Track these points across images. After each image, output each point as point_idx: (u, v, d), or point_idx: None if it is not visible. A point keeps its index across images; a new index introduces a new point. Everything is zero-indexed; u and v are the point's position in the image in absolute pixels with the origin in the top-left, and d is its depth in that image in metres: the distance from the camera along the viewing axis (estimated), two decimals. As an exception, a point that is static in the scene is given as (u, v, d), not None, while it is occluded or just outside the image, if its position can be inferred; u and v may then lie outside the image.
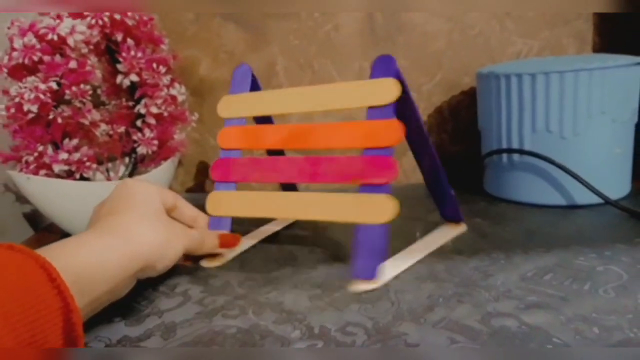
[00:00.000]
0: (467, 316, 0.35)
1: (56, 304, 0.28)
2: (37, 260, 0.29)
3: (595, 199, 0.54)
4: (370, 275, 0.40)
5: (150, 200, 0.42)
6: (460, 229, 0.51)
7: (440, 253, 0.45)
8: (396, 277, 0.42)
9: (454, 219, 0.51)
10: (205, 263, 0.47)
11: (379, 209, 0.40)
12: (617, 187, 0.56)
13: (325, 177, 0.43)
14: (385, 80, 0.42)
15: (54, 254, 0.31)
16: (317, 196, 0.44)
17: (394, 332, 0.33)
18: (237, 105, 0.49)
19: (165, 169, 0.61)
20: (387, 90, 0.42)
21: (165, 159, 0.61)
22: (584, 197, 0.55)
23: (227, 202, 0.47)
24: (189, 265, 0.47)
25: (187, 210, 0.47)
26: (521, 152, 0.57)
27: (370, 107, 0.42)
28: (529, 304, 0.36)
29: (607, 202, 0.53)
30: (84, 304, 0.31)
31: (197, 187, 0.77)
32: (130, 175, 0.59)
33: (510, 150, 0.58)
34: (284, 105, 0.47)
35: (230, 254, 0.49)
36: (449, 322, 0.34)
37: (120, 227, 0.38)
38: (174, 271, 0.47)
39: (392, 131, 0.41)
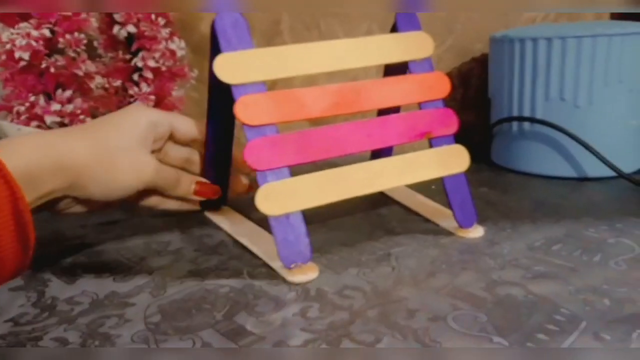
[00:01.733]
0: (471, 283, 0.33)
1: (3, 192, 0.29)
2: None
3: (608, 172, 0.51)
4: (471, 223, 0.42)
5: (130, 124, 0.38)
6: None
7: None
8: (398, 244, 0.40)
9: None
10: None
11: (459, 159, 0.41)
12: (631, 160, 0.54)
13: (396, 139, 0.40)
14: (420, 33, 0.42)
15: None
16: (394, 161, 0.40)
17: (394, 297, 0.32)
18: (248, 66, 0.36)
19: (162, 127, 0.59)
20: (424, 44, 0.42)
21: (163, 116, 0.59)
22: (595, 169, 0.53)
23: (288, 194, 0.35)
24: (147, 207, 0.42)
25: (183, 130, 0.42)
26: (532, 120, 0.54)
27: (412, 61, 0.42)
28: (536, 273, 0.34)
29: (620, 175, 0.51)
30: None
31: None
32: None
33: (521, 119, 0.55)
34: (317, 63, 0.39)
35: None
36: (452, 289, 0.33)
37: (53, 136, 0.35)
38: (166, 229, 0.45)
39: (444, 83, 0.42)
